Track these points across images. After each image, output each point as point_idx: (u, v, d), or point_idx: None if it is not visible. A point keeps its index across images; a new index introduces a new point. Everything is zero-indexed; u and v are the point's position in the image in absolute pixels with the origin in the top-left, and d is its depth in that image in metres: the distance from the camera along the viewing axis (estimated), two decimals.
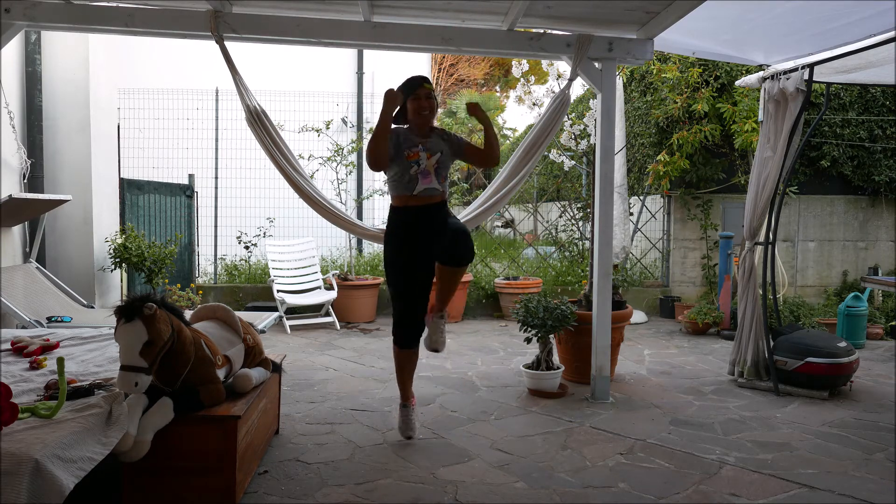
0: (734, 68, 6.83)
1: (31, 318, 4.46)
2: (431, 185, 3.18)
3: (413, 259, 3.22)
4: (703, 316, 6.26)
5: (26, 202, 4.85)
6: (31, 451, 1.92)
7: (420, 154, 3.14)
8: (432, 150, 3.18)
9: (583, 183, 8.04)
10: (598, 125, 4.13)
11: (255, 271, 7.34)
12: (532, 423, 3.63)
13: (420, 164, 3.14)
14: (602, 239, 4.11)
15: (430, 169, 3.15)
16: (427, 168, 3.14)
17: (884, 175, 7.36)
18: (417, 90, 3.21)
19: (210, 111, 7.82)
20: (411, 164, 3.14)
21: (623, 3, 3.66)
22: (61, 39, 5.82)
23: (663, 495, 2.73)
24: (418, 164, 3.14)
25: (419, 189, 3.16)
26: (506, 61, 19.18)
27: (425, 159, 3.14)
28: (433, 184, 3.18)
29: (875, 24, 3.65)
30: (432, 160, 3.16)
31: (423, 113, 3.20)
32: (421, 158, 3.14)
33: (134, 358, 2.32)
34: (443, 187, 3.24)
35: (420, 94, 3.20)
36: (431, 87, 3.26)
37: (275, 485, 2.79)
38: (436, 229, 3.18)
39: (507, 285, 7.09)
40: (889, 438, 3.43)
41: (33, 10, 3.68)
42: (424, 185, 3.16)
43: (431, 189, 3.18)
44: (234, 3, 3.82)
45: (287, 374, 4.48)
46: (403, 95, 3.24)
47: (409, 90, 3.23)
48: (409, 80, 3.27)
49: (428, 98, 3.21)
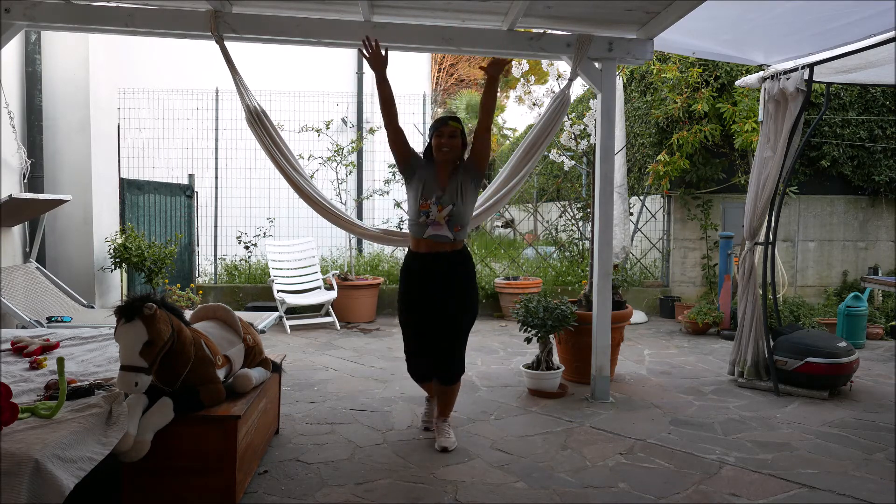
0: (734, 68, 6.83)
1: (31, 318, 4.46)
2: (441, 233, 3.15)
3: (422, 302, 3.23)
4: (703, 316, 6.26)
5: (26, 202, 4.84)
6: (31, 451, 1.92)
7: (431, 206, 3.13)
8: (444, 202, 3.13)
9: (583, 183, 8.04)
10: (598, 125, 4.13)
11: (255, 271, 7.34)
12: (532, 423, 3.63)
13: (430, 216, 3.14)
14: (602, 239, 4.11)
15: (440, 221, 3.13)
16: (437, 220, 3.13)
17: (884, 175, 7.36)
18: (441, 128, 3.19)
19: (210, 111, 7.82)
20: (421, 213, 3.15)
21: (623, 3, 3.66)
22: (61, 39, 5.82)
23: (663, 495, 2.73)
24: (427, 214, 3.14)
25: (428, 234, 3.16)
26: None
27: (436, 212, 3.13)
28: (443, 231, 3.15)
29: (875, 24, 3.65)
30: (443, 213, 3.13)
31: (443, 150, 3.17)
32: (431, 211, 3.13)
33: (134, 358, 2.32)
34: (457, 235, 3.18)
35: (443, 131, 3.18)
36: (459, 126, 3.21)
37: (275, 485, 2.79)
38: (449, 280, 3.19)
39: (507, 285, 7.09)
40: (889, 438, 3.43)
41: (33, 10, 3.68)
42: (434, 232, 3.15)
43: (441, 237, 3.16)
44: (234, 3, 3.82)
45: (287, 374, 4.48)
46: (431, 131, 3.26)
47: (435, 127, 3.23)
48: (437, 119, 3.26)
49: (451, 136, 3.17)
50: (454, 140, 3.19)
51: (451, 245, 3.20)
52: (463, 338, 3.28)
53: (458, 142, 3.21)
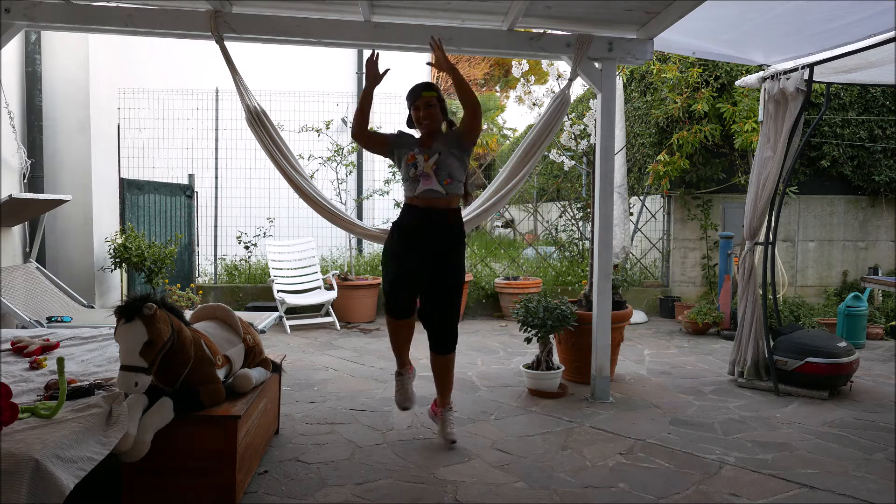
0: (734, 68, 6.83)
1: (31, 318, 4.46)
2: (432, 188, 3.17)
3: (410, 255, 3.23)
4: (703, 316, 6.26)
5: (26, 202, 4.84)
6: (31, 451, 1.92)
7: (416, 157, 3.18)
8: (430, 152, 3.20)
9: (583, 183, 8.04)
10: (598, 125, 4.13)
11: (255, 271, 7.34)
12: (532, 423, 3.63)
13: (417, 167, 3.18)
14: (602, 239, 4.11)
15: (428, 171, 3.16)
16: (425, 170, 3.16)
17: (884, 175, 7.36)
18: (416, 100, 3.25)
19: (210, 111, 7.82)
20: (409, 166, 3.21)
21: (623, 3, 3.66)
22: (61, 39, 5.82)
23: (663, 495, 2.73)
24: (416, 166, 3.18)
25: (420, 190, 3.19)
26: (506, 61, 19.18)
27: (422, 161, 3.17)
28: (434, 185, 3.17)
29: (875, 24, 3.65)
30: (430, 161, 3.17)
31: (423, 122, 3.25)
32: (418, 161, 3.18)
33: (134, 358, 2.32)
34: (448, 189, 3.18)
35: (418, 103, 3.23)
36: (433, 94, 3.25)
37: (275, 485, 2.79)
38: (439, 239, 3.21)
39: (507, 285, 7.09)
40: (889, 438, 3.43)
41: (33, 10, 3.68)
42: (425, 187, 3.18)
43: (433, 191, 3.17)
44: (234, 3, 3.81)
45: (287, 374, 4.48)
46: (409, 103, 3.31)
47: (410, 99, 3.28)
48: (412, 88, 3.29)
49: (428, 106, 3.22)
50: (432, 110, 3.23)
51: (445, 201, 3.20)
52: (456, 302, 3.26)
53: (436, 110, 3.25)
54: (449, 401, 3.39)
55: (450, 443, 3.25)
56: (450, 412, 3.35)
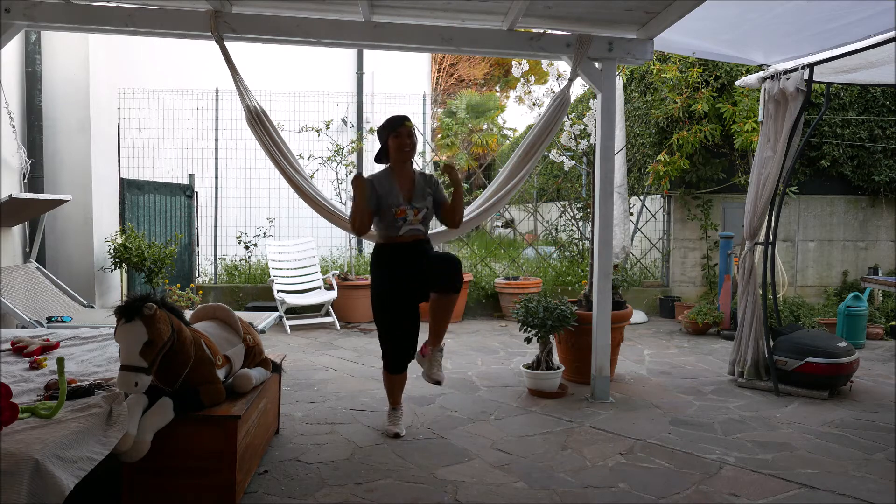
0: (734, 68, 6.83)
1: (31, 318, 4.46)
2: (416, 228, 3.33)
3: (400, 293, 3.28)
4: (703, 316, 6.26)
5: (26, 202, 4.85)
6: (31, 451, 1.92)
7: (407, 212, 3.28)
8: (419, 206, 3.31)
9: (583, 183, 8.04)
10: (598, 125, 4.13)
11: (255, 271, 7.34)
12: (532, 423, 3.63)
13: (407, 220, 3.29)
14: (602, 239, 4.11)
15: (415, 223, 3.31)
16: (412, 222, 3.31)
17: (884, 175, 7.36)
18: (399, 128, 3.31)
19: (210, 111, 7.82)
20: (398, 220, 3.27)
21: (623, 3, 3.66)
22: (61, 39, 5.82)
23: (663, 495, 2.73)
24: (405, 220, 3.28)
25: (404, 231, 3.30)
26: (506, 61, 19.19)
27: (412, 215, 3.29)
28: (418, 227, 3.34)
29: (875, 24, 3.65)
30: (419, 216, 3.31)
31: (405, 150, 3.31)
32: (408, 216, 3.28)
33: (134, 358, 2.32)
34: (426, 227, 3.41)
35: (402, 132, 3.30)
36: (412, 125, 3.37)
37: (275, 485, 2.79)
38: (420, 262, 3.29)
39: (507, 285, 7.09)
40: (889, 438, 3.43)
41: (33, 10, 3.68)
42: (410, 227, 3.30)
43: (416, 230, 3.33)
44: (234, 3, 3.82)
45: (287, 374, 4.48)
46: (385, 133, 3.36)
47: (391, 128, 3.33)
48: (391, 119, 3.36)
49: (409, 136, 3.31)
50: (412, 139, 3.33)
51: (423, 235, 3.40)
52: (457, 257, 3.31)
53: (414, 140, 3.35)
54: (441, 342, 3.43)
55: (434, 383, 3.36)
56: (439, 352, 3.41)
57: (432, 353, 3.41)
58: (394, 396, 3.52)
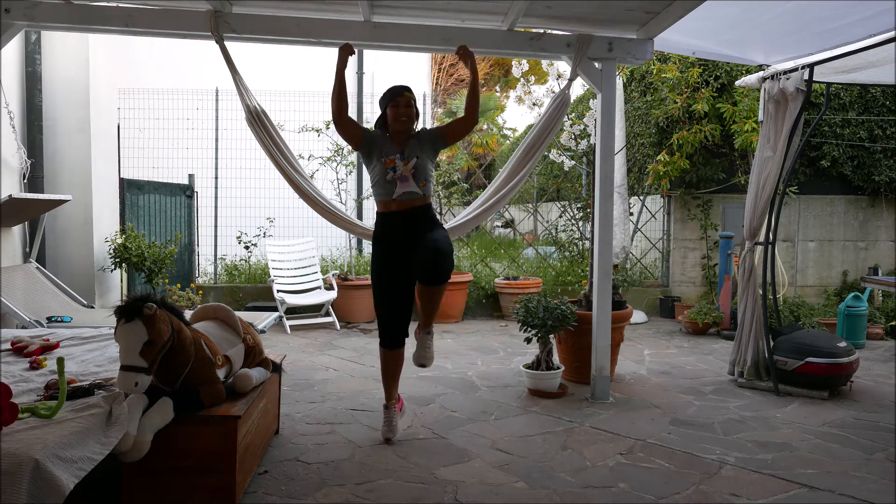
0: (734, 68, 6.83)
1: (31, 318, 4.46)
2: (410, 189, 3.22)
3: (398, 265, 3.26)
4: (703, 316, 6.26)
5: (26, 202, 4.84)
6: (31, 451, 1.92)
7: (396, 161, 3.20)
8: (409, 156, 3.22)
9: (583, 183, 8.04)
10: (598, 125, 4.13)
11: (255, 271, 7.34)
12: (532, 423, 3.63)
13: (396, 170, 3.20)
14: (602, 239, 4.11)
15: (407, 174, 3.20)
16: (404, 173, 3.20)
17: (884, 175, 7.36)
18: (397, 98, 3.27)
19: (210, 111, 7.82)
20: (388, 170, 3.20)
21: (623, 3, 3.66)
22: (61, 39, 5.82)
23: (663, 495, 2.73)
24: (394, 170, 3.20)
25: (398, 193, 3.22)
26: (506, 61, 19.19)
27: (401, 165, 3.20)
28: (412, 187, 3.22)
29: (875, 24, 3.65)
30: (409, 165, 3.21)
31: (402, 119, 3.26)
32: (397, 165, 3.20)
33: (134, 358, 2.32)
34: (424, 190, 3.27)
35: (399, 101, 3.26)
36: (413, 96, 3.32)
37: (275, 485, 2.79)
38: (420, 234, 3.21)
39: (507, 285, 7.09)
40: (889, 438, 3.43)
41: (33, 10, 3.68)
42: (403, 189, 3.21)
43: (411, 193, 3.22)
44: (234, 3, 3.81)
45: (287, 374, 4.48)
46: (384, 102, 3.33)
47: (390, 98, 3.30)
48: (391, 89, 3.33)
49: (407, 106, 3.27)
50: (410, 109, 3.28)
51: (421, 200, 3.26)
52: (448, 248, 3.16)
53: (413, 111, 3.30)
54: (431, 326, 3.38)
55: (419, 365, 3.33)
56: (428, 335, 3.36)
57: (422, 336, 3.38)
58: (388, 385, 3.42)
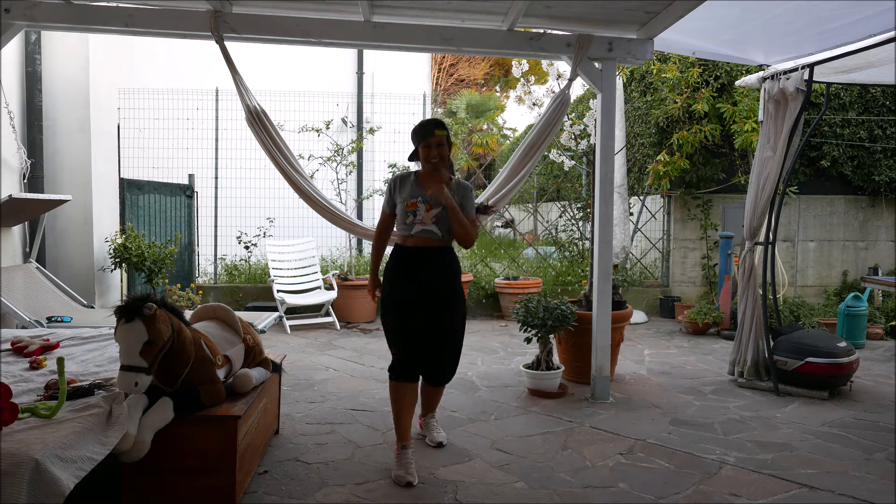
0: (734, 68, 6.83)
1: (31, 318, 4.46)
2: (429, 229, 3.03)
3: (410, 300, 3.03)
4: (703, 316, 6.26)
5: (26, 202, 4.84)
6: (31, 451, 1.92)
7: (418, 205, 3.02)
8: (433, 204, 3.02)
9: (583, 183, 8.04)
10: (598, 125, 4.13)
11: (255, 271, 7.34)
12: (532, 423, 3.63)
13: (416, 215, 3.02)
14: (602, 239, 4.11)
15: (427, 221, 3.02)
16: (424, 219, 3.02)
17: (884, 175, 7.36)
18: (429, 138, 3.04)
19: (210, 111, 7.82)
20: (408, 213, 3.03)
21: (623, 3, 3.66)
22: (61, 39, 5.82)
23: (663, 495, 2.73)
24: (415, 214, 3.02)
25: (416, 230, 3.03)
26: (506, 61, 19.18)
27: (423, 211, 3.01)
28: (431, 228, 3.03)
29: (875, 24, 3.65)
30: (430, 213, 3.02)
31: (432, 161, 3.05)
32: (418, 209, 3.02)
33: (134, 358, 2.32)
34: (443, 233, 3.05)
35: (431, 141, 3.03)
36: (444, 132, 3.06)
37: (275, 485, 2.79)
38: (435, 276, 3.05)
39: (507, 285, 7.08)
40: (889, 438, 3.43)
41: (33, 10, 3.68)
42: (422, 228, 3.03)
43: (430, 233, 3.03)
44: (234, 3, 3.82)
45: (287, 374, 4.48)
46: (416, 140, 3.10)
47: (421, 136, 3.07)
48: (422, 125, 3.10)
49: (439, 146, 3.03)
50: (442, 149, 3.05)
51: (439, 241, 3.06)
52: (453, 340, 3.10)
53: (446, 149, 3.07)
54: (434, 411, 3.43)
55: (436, 445, 3.27)
56: (432, 418, 3.40)
57: (426, 421, 3.40)
58: (402, 423, 3.01)
